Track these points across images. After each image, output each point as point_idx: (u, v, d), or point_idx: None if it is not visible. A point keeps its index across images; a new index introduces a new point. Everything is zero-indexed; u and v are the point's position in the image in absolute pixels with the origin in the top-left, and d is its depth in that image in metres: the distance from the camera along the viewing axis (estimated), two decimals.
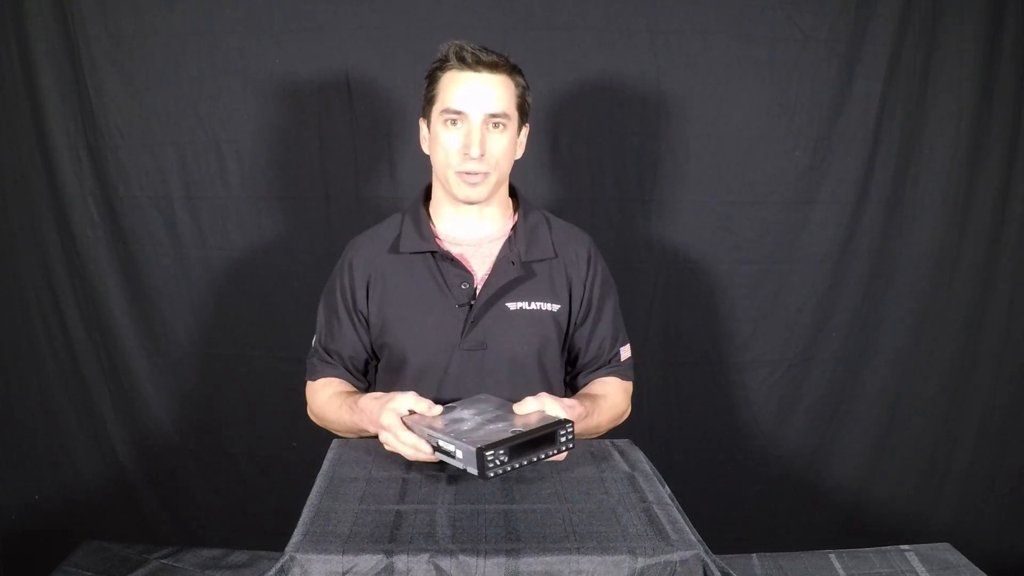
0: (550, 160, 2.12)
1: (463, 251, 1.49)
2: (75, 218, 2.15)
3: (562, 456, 1.20)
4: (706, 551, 1.00)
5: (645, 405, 1.61)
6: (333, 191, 2.13)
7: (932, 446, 2.29)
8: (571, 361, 1.58)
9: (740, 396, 2.23)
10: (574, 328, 1.53)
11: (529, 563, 0.95)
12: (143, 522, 2.26)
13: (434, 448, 1.17)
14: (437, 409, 1.23)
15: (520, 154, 1.51)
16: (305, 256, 2.14)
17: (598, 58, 2.08)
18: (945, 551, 1.65)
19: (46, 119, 2.11)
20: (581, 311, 1.52)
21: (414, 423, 1.21)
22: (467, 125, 1.40)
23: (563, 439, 1.16)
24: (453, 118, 1.41)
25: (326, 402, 1.48)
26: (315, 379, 1.54)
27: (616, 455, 1.29)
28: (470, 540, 0.98)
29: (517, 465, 1.12)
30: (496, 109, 1.40)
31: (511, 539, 0.99)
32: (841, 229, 2.17)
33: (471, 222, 1.50)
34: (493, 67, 1.40)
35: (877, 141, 2.14)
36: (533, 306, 1.47)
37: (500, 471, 1.10)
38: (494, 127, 1.41)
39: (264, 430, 2.21)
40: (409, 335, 1.47)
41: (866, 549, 1.68)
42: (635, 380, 1.60)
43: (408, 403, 1.23)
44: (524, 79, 1.46)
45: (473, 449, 1.09)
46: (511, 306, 1.46)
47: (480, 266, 1.48)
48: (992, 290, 2.22)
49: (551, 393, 1.30)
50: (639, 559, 0.95)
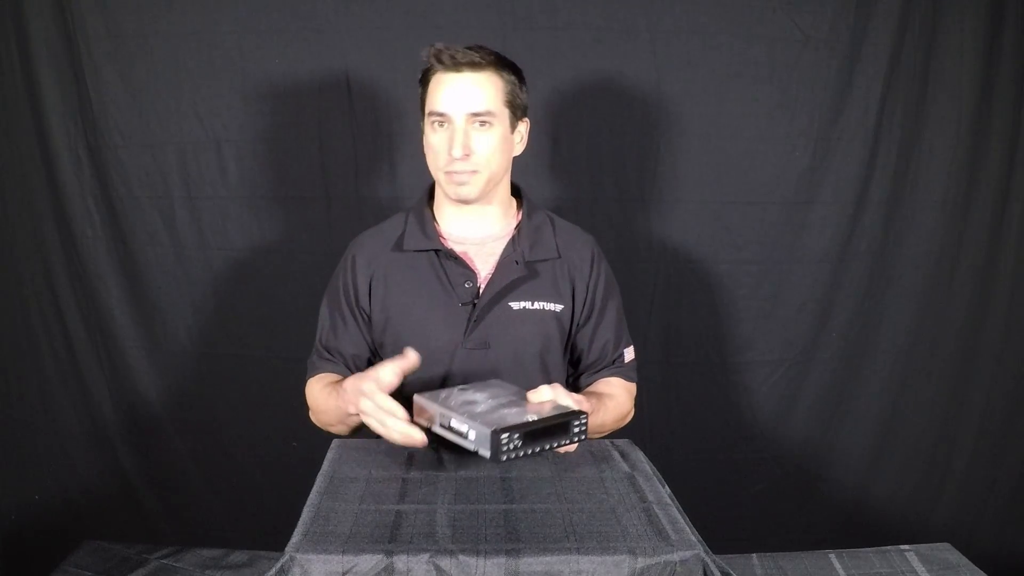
0: (550, 160, 2.11)
1: (467, 250, 1.49)
2: (75, 218, 2.15)
3: (572, 448, 1.19)
4: (706, 551, 1.00)
5: (645, 405, 1.61)
6: (333, 191, 2.13)
7: (932, 446, 2.29)
8: (574, 362, 1.58)
9: (740, 396, 2.23)
10: (577, 329, 1.53)
11: (529, 563, 0.95)
12: (143, 522, 2.26)
13: (444, 427, 1.15)
14: (412, 356, 1.22)
15: (520, 150, 1.51)
16: (305, 256, 2.14)
17: (598, 58, 2.08)
18: (945, 551, 1.65)
19: (46, 119, 2.11)
20: (584, 312, 1.52)
21: (426, 403, 1.19)
22: (452, 126, 1.41)
23: (576, 430, 1.16)
24: (439, 120, 1.42)
25: (318, 392, 1.47)
26: (313, 376, 1.53)
27: (616, 455, 1.29)
28: (470, 540, 0.98)
29: (530, 452, 1.11)
30: (478, 108, 1.40)
31: (511, 539, 0.99)
32: (841, 229, 2.17)
33: (474, 221, 1.50)
34: (474, 66, 1.40)
35: (877, 141, 2.14)
36: (536, 306, 1.47)
37: (513, 456, 1.08)
38: (480, 125, 1.41)
39: (264, 430, 2.21)
40: (412, 333, 1.47)
41: (866, 549, 1.68)
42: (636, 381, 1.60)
43: (390, 371, 1.21)
44: (515, 74, 1.45)
45: (488, 431, 1.07)
46: (514, 306, 1.46)
47: (484, 265, 1.48)
48: (992, 290, 2.22)
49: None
50: (639, 559, 0.95)
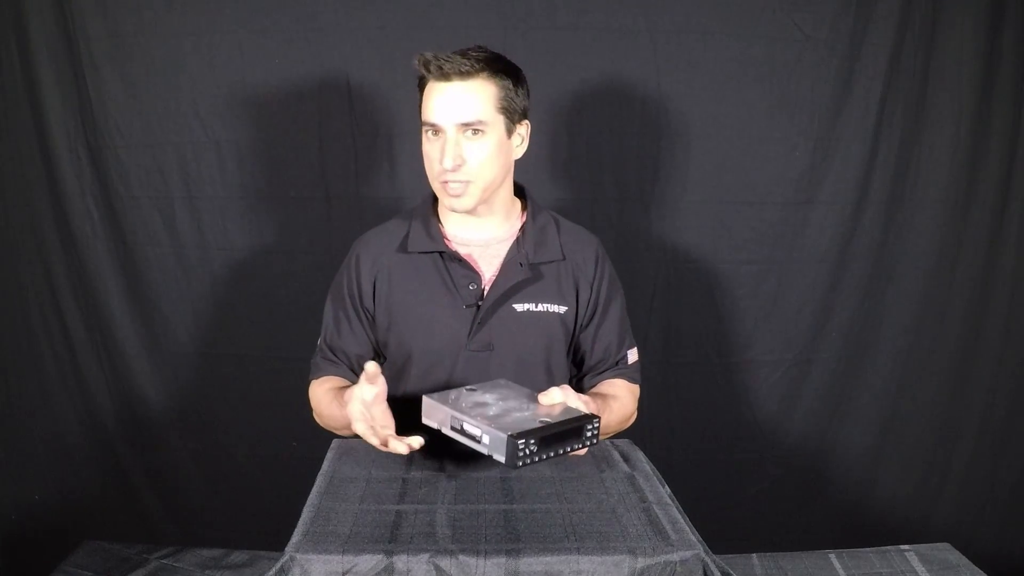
0: (550, 160, 2.11)
1: (471, 252, 1.49)
2: (75, 218, 2.15)
3: (583, 451, 1.19)
4: (706, 551, 1.00)
5: (645, 405, 1.60)
6: (333, 191, 2.13)
7: (932, 446, 2.29)
8: (578, 363, 1.57)
9: (740, 396, 2.23)
10: (580, 330, 1.52)
11: (529, 563, 0.95)
12: (143, 522, 2.26)
13: (457, 431, 1.14)
14: (370, 368, 1.21)
15: (521, 152, 1.49)
16: (305, 256, 2.14)
17: (598, 58, 2.08)
18: (945, 551, 1.65)
19: (46, 119, 2.11)
20: (587, 313, 1.52)
21: (437, 404, 1.18)
22: (443, 136, 1.39)
23: (589, 434, 1.15)
24: (432, 129, 1.40)
25: (322, 397, 1.48)
26: (317, 377, 1.53)
27: (616, 455, 1.29)
28: (470, 540, 0.98)
29: (544, 456, 1.09)
30: (468, 118, 1.38)
31: (511, 539, 0.99)
32: (841, 229, 2.17)
33: (478, 224, 1.49)
34: (463, 74, 1.37)
35: (877, 141, 2.14)
36: (540, 308, 1.47)
37: (528, 461, 1.07)
38: (473, 134, 1.39)
39: (264, 430, 2.21)
40: (415, 335, 1.47)
41: (866, 549, 1.68)
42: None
43: (365, 387, 1.20)
44: (510, 77, 1.42)
45: (504, 436, 1.05)
46: (518, 307, 1.46)
47: (488, 267, 1.48)
48: (992, 290, 2.22)
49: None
50: (639, 559, 0.95)
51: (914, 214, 2.19)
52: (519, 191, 1.56)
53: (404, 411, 1.25)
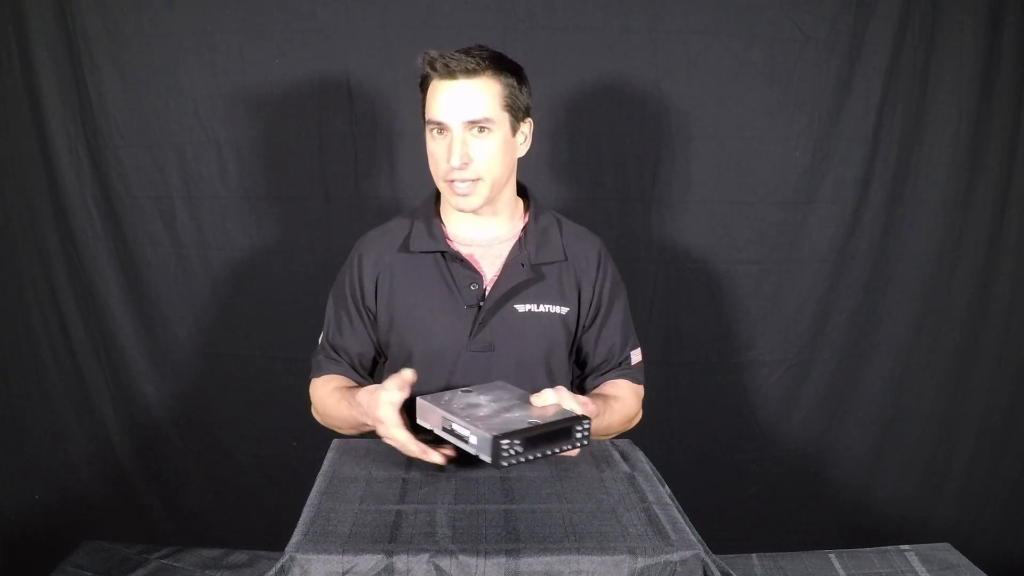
0: (550, 160, 2.11)
1: (473, 252, 1.49)
2: (75, 218, 2.15)
3: (574, 453, 1.19)
4: (706, 551, 0.99)
5: (645, 405, 1.60)
6: (333, 191, 2.13)
7: (932, 446, 2.29)
8: (581, 364, 1.57)
9: (740, 396, 2.23)
10: (583, 331, 1.52)
11: (529, 563, 0.95)
12: (143, 522, 2.26)
13: (448, 431, 1.16)
14: (407, 374, 1.22)
15: (524, 151, 1.49)
16: (305, 256, 2.14)
17: (598, 58, 2.08)
18: (945, 551, 1.65)
19: (46, 119, 2.11)
20: (590, 314, 1.52)
21: (430, 405, 1.20)
22: (450, 134, 1.39)
23: (579, 435, 1.15)
24: (437, 128, 1.40)
25: (327, 396, 1.48)
26: (319, 375, 1.53)
27: (616, 455, 1.29)
28: (470, 540, 0.98)
29: (531, 457, 1.10)
30: (475, 116, 1.38)
31: (511, 539, 0.99)
32: (841, 229, 2.17)
33: (480, 224, 1.49)
34: (469, 72, 1.37)
35: (877, 141, 2.14)
36: (542, 309, 1.47)
37: (514, 461, 1.08)
38: (479, 132, 1.39)
39: (264, 430, 2.21)
40: (416, 334, 1.47)
41: (866, 549, 1.68)
42: None
43: (396, 392, 1.21)
44: (514, 75, 1.42)
45: (489, 436, 1.07)
46: (520, 308, 1.46)
47: (490, 267, 1.48)
48: (992, 290, 2.22)
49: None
50: (639, 559, 0.95)
51: (914, 214, 2.19)
52: (522, 191, 1.56)
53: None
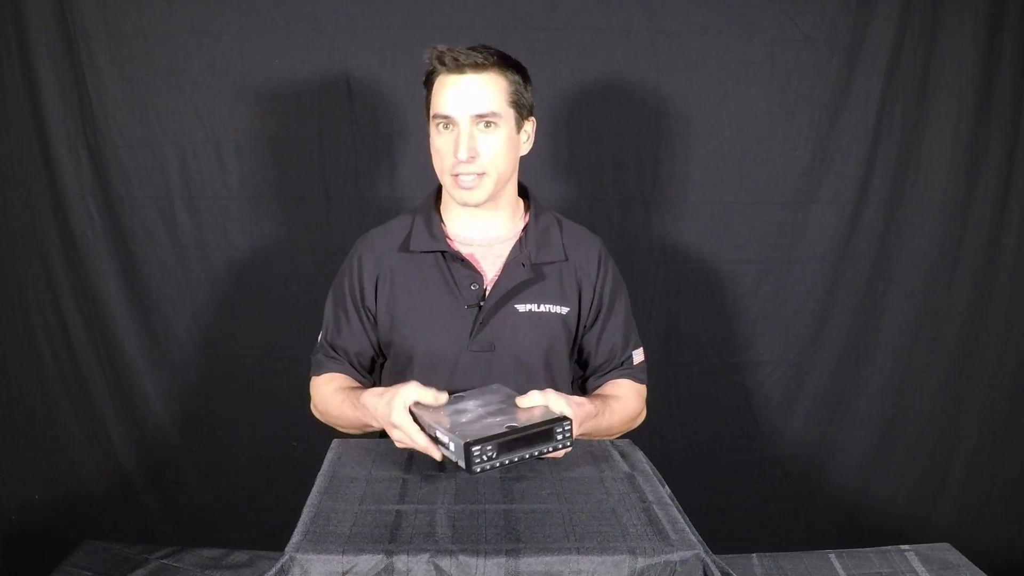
0: (550, 160, 2.11)
1: (473, 251, 1.49)
2: (75, 218, 2.15)
3: (560, 454, 1.19)
4: (706, 551, 1.00)
5: (645, 405, 1.60)
6: (333, 191, 2.13)
7: (932, 446, 2.29)
8: (582, 364, 1.57)
9: (740, 396, 2.23)
10: (584, 331, 1.52)
11: (529, 563, 0.95)
12: (143, 522, 2.26)
13: (432, 439, 1.17)
14: (443, 397, 1.23)
15: (527, 150, 1.50)
16: (305, 256, 2.14)
17: (598, 58, 2.08)
18: (945, 551, 1.65)
19: (46, 119, 2.11)
20: (591, 314, 1.52)
21: (419, 413, 1.21)
22: (456, 128, 1.40)
23: (559, 436, 1.16)
24: (443, 122, 1.41)
25: (329, 397, 1.48)
26: (319, 374, 1.54)
27: (616, 455, 1.29)
28: (470, 540, 0.98)
29: (507, 461, 1.12)
30: (483, 109, 1.39)
31: (511, 539, 0.99)
32: (841, 229, 2.17)
33: (481, 223, 1.50)
34: (478, 67, 1.39)
35: (877, 141, 2.14)
36: (542, 308, 1.47)
37: (488, 466, 1.10)
38: (486, 127, 1.40)
39: (264, 430, 2.21)
40: (417, 334, 1.47)
41: (866, 549, 1.67)
42: None
43: (413, 395, 1.22)
44: (519, 73, 1.44)
45: (462, 443, 1.09)
46: (520, 308, 1.46)
47: (490, 267, 1.48)
48: (992, 290, 2.22)
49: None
50: (639, 559, 0.95)
51: (914, 214, 2.19)
52: (522, 191, 1.56)
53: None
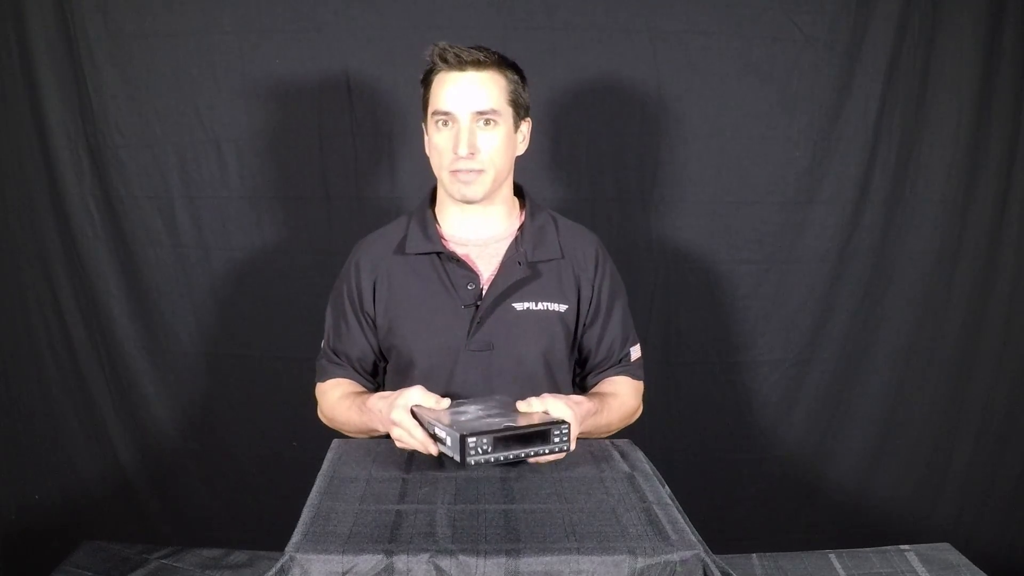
0: (550, 160, 2.11)
1: (469, 251, 1.49)
2: (75, 218, 2.15)
3: (557, 457, 1.20)
4: (706, 551, 1.00)
5: (645, 405, 1.61)
6: (333, 191, 2.13)
7: (932, 446, 2.28)
8: (581, 362, 1.58)
9: (740, 396, 2.23)
10: (583, 329, 1.53)
11: (529, 563, 0.95)
12: (143, 522, 2.26)
13: (431, 436, 1.19)
14: (445, 403, 1.24)
15: (523, 150, 1.51)
16: (305, 256, 2.14)
17: (598, 58, 2.08)
18: (945, 551, 1.65)
19: (46, 119, 2.10)
20: (590, 312, 1.52)
21: (420, 412, 1.22)
22: (456, 125, 1.41)
23: (557, 439, 1.17)
24: (443, 119, 1.42)
25: (335, 403, 1.49)
26: (324, 381, 1.54)
27: (616, 455, 1.29)
28: (470, 540, 0.98)
29: (501, 458, 1.13)
30: (483, 106, 1.40)
31: (511, 539, 0.99)
32: (841, 229, 2.17)
33: (477, 222, 1.50)
34: (478, 64, 1.40)
35: (877, 141, 2.14)
36: (540, 306, 1.47)
37: (482, 460, 1.11)
38: (485, 124, 1.41)
39: (264, 430, 2.21)
40: (415, 336, 1.47)
41: (866, 549, 1.68)
42: None
43: (415, 398, 1.24)
44: (518, 73, 1.46)
45: (458, 435, 1.11)
46: (518, 306, 1.46)
47: (486, 267, 1.48)
48: (992, 290, 2.22)
49: (558, 393, 1.30)
50: (639, 559, 0.95)
51: (914, 214, 2.18)
52: (517, 190, 1.56)
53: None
